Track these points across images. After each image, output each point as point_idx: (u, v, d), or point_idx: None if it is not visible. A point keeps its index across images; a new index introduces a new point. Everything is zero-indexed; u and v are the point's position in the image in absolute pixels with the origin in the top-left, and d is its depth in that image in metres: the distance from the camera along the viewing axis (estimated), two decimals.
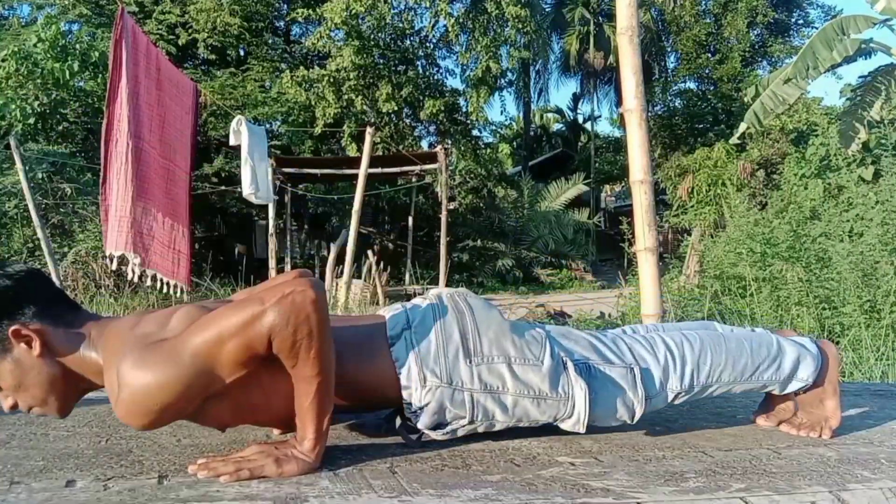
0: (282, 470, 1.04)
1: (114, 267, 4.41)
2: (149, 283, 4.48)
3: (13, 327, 1.08)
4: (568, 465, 1.15)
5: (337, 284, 7.12)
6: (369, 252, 10.34)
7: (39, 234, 6.03)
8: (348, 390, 1.18)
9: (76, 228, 8.99)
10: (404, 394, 1.18)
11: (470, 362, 1.18)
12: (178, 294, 4.50)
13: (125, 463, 1.09)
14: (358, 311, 4.34)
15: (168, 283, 4.52)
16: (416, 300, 1.32)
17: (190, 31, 13.43)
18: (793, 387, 1.39)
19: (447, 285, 8.94)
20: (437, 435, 1.21)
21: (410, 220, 13.63)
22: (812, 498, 1.04)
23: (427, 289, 7.34)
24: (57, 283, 5.70)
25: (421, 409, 1.18)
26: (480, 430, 1.23)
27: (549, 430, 1.36)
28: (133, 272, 4.35)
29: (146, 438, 1.23)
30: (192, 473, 1.03)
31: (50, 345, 1.10)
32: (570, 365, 1.23)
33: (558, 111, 28.47)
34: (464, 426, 1.21)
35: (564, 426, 1.26)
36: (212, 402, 1.07)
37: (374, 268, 9.83)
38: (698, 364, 1.31)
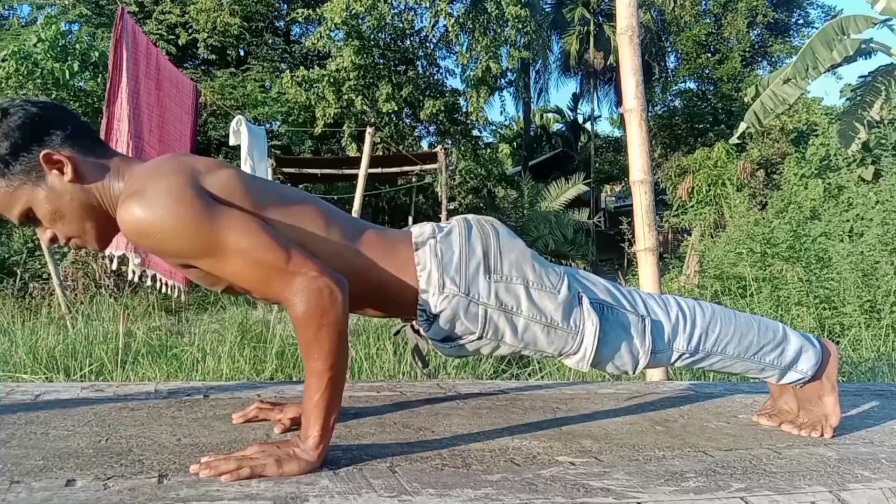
0: (283, 469, 1.03)
1: (114, 267, 4.40)
2: (148, 283, 4.48)
3: (44, 151, 1.08)
4: (568, 465, 1.15)
5: None
6: None
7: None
8: (370, 292, 1.19)
9: None
10: (421, 297, 1.19)
11: (489, 278, 1.19)
12: (177, 294, 4.50)
13: (125, 462, 1.08)
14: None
15: (166, 284, 4.52)
16: (442, 222, 1.33)
17: (190, 31, 13.43)
18: (790, 377, 1.39)
19: None
20: (444, 348, 1.22)
21: (410, 220, 13.61)
22: (812, 498, 1.04)
23: None
24: (57, 283, 5.70)
25: (435, 316, 1.19)
26: (485, 350, 1.24)
27: (550, 429, 1.36)
28: (133, 272, 4.35)
29: (146, 438, 1.23)
30: (192, 473, 1.03)
31: (80, 171, 1.11)
32: (585, 300, 1.24)
33: (558, 111, 28.47)
34: (472, 341, 1.22)
35: (569, 362, 1.26)
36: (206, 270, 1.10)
37: None
38: (707, 330, 1.33)
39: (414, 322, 1.29)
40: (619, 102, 17.80)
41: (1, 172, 1.08)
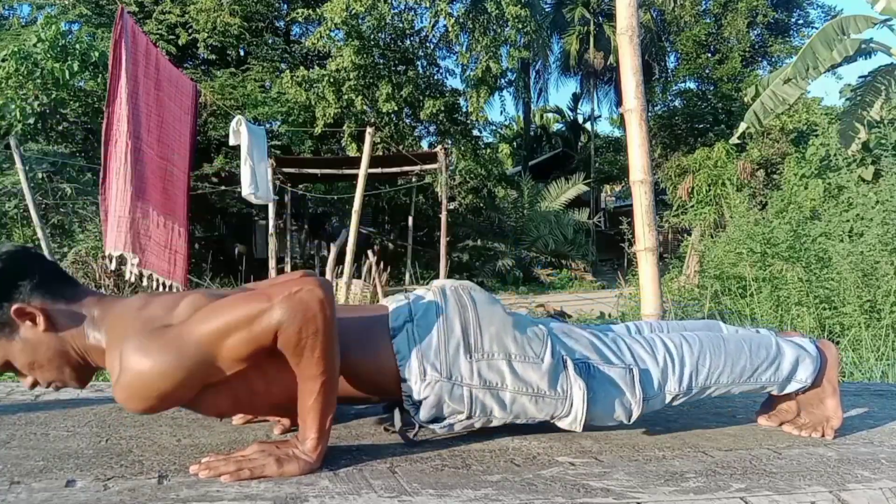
0: (282, 470, 1.04)
1: (113, 267, 4.40)
2: (146, 282, 4.48)
3: (15, 307, 1.09)
4: (568, 465, 1.15)
5: (337, 284, 7.12)
6: (369, 252, 10.33)
7: (39, 234, 6.02)
8: (349, 380, 1.19)
9: (76, 228, 8.98)
10: (404, 386, 1.19)
11: (470, 358, 1.18)
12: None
13: (125, 463, 1.08)
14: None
15: (164, 284, 4.52)
16: (420, 290, 1.32)
17: (190, 31, 13.43)
18: (791, 388, 1.39)
19: None
20: (434, 427, 1.21)
21: (410, 220, 13.62)
22: (812, 498, 1.04)
23: None
24: None
25: (420, 402, 1.18)
26: (477, 425, 1.23)
27: (549, 429, 1.36)
28: (131, 272, 4.35)
29: (146, 438, 1.23)
30: (192, 473, 1.03)
31: (52, 320, 1.11)
32: (569, 364, 1.23)
33: (558, 111, 28.46)
34: (461, 421, 1.21)
35: (562, 424, 1.26)
36: (211, 391, 1.07)
37: (374, 268, 9.82)
38: (697, 366, 1.31)
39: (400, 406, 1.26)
40: (619, 102, 17.80)
41: None
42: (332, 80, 13.11)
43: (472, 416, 1.20)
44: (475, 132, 15.95)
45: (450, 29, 13.71)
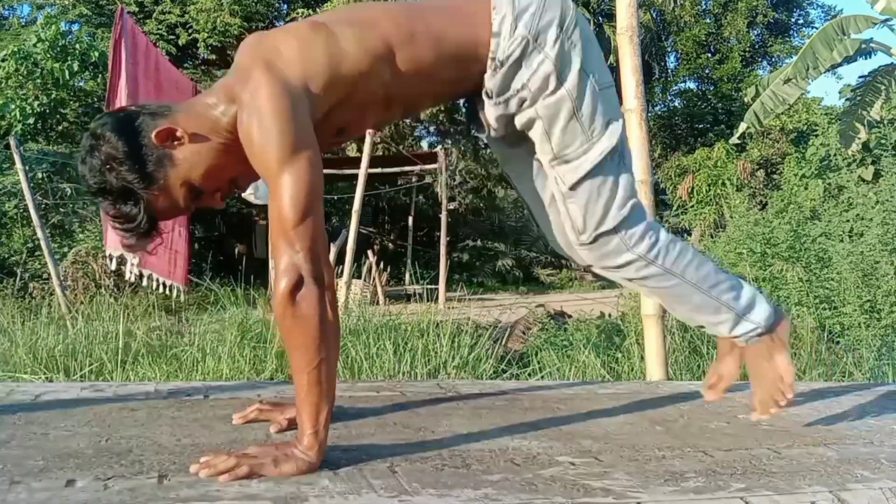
0: (280, 469, 1.03)
1: (113, 267, 4.41)
2: (145, 282, 4.48)
3: (152, 133, 1.10)
4: (568, 465, 1.15)
5: (337, 284, 7.11)
6: (369, 252, 10.33)
7: (39, 234, 6.01)
8: (440, 45, 1.22)
9: (76, 228, 8.98)
10: (493, 41, 1.22)
11: (560, 32, 1.22)
12: (175, 294, 4.49)
13: (125, 462, 1.08)
14: (358, 310, 4.34)
15: (164, 283, 4.52)
16: None
17: (190, 31, 13.42)
18: (744, 327, 1.36)
19: (447, 285, 8.94)
20: (496, 104, 1.25)
21: (410, 220, 13.61)
22: (812, 498, 1.04)
23: (427, 289, 7.33)
24: (57, 283, 5.70)
25: (503, 62, 1.22)
26: (522, 119, 1.26)
27: (550, 429, 1.36)
28: (131, 272, 4.35)
29: (146, 438, 1.23)
30: (192, 473, 1.03)
31: (186, 127, 1.13)
32: (615, 124, 1.27)
33: None
34: (521, 101, 1.24)
35: (556, 171, 1.28)
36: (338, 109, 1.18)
37: (374, 268, 9.83)
38: (668, 246, 1.32)
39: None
40: (619, 102, 17.77)
41: (149, 183, 1.11)
42: None
43: (525, 88, 1.22)
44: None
45: None
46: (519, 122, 1.27)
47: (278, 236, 1.06)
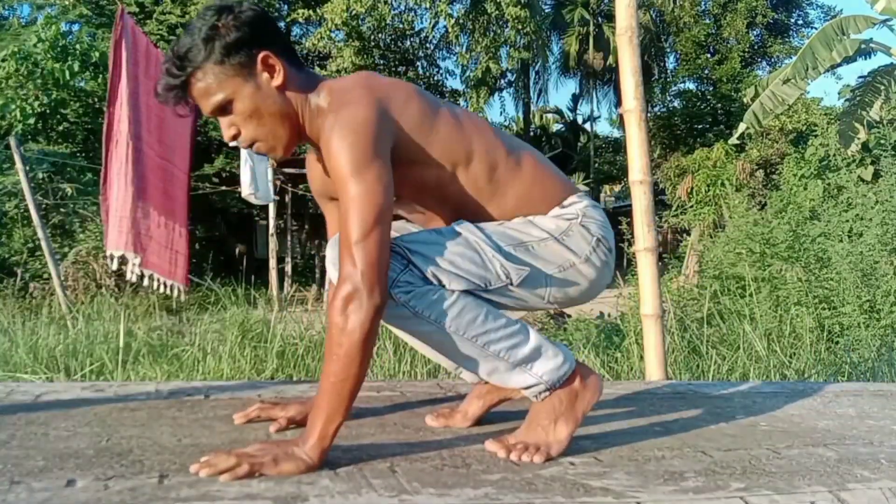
0: (280, 468, 1.04)
1: (114, 267, 4.41)
2: (146, 282, 4.48)
3: (263, 53, 1.14)
4: (568, 465, 1.15)
5: None
6: None
7: (40, 234, 6.02)
8: (503, 202, 1.25)
9: (76, 228, 8.98)
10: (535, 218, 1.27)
11: (606, 255, 1.29)
12: (176, 294, 4.49)
13: (125, 463, 1.09)
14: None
15: (165, 283, 4.52)
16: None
17: None
18: (520, 380, 1.18)
19: None
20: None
21: None
22: (812, 498, 1.04)
23: None
24: (57, 283, 5.70)
25: (555, 237, 1.25)
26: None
27: None
28: (132, 272, 4.35)
29: (146, 438, 1.23)
30: (193, 473, 1.03)
31: (288, 80, 1.17)
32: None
33: (558, 112, 28.46)
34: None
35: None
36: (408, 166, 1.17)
37: None
38: (437, 275, 1.13)
39: None
40: (618, 103, 17.79)
41: (220, 59, 1.13)
42: None
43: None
44: None
45: (450, 30, 13.71)
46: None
47: (343, 248, 1.08)
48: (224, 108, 1.16)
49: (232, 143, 1.24)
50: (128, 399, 1.53)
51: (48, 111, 10.44)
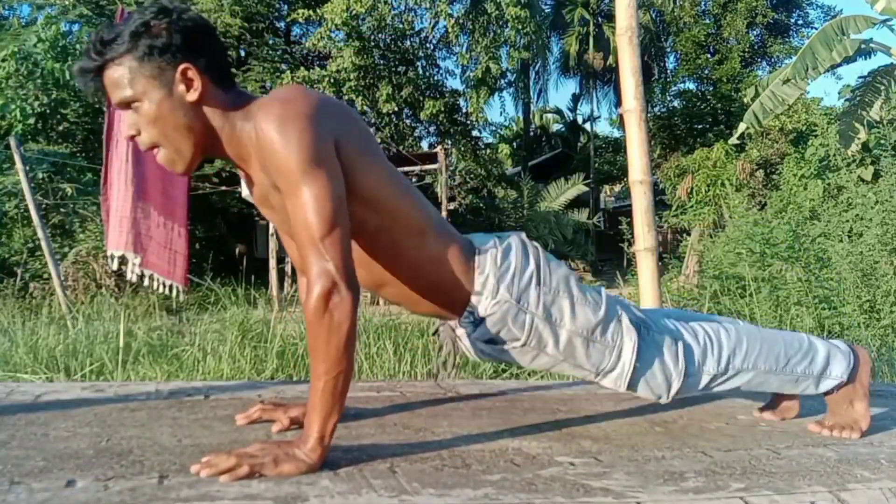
0: (280, 468, 1.04)
1: (114, 267, 4.41)
2: (146, 282, 4.48)
3: (184, 65, 1.10)
4: (568, 465, 1.15)
5: None
6: None
7: (40, 233, 6.02)
8: (424, 280, 1.25)
9: (77, 228, 8.98)
10: (473, 299, 1.25)
11: (539, 289, 1.24)
12: (176, 294, 4.49)
13: (125, 463, 1.09)
14: (358, 310, 4.34)
15: (164, 283, 4.51)
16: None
17: None
18: (826, 385, 1.40)
19: None
20: (483, 349, 1.27)
21: None
22: (812, 498, 1.04)
23: None
24: (57, 283, 5.70)
25: (483, 319, 1.24)
26: (525, 358, 1.27)
27: (550, 430, 1.37)
28: (132, 272, 4.34)
29: (146, 438, 1.23)
30: (193, 473, 1.03)
31: (205, 97, 1.12)
32: (624, 317, 1.29)
33: (558, 112, 28.45)
34: (515, 348, 1.25)
35: (606, 381, 1.29)
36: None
37: None
38: (734, 349, 1.34)
39: (453, 323, 1.32)
40: (618, 103, 17.78)
41: (140, 56, 1.09)
42: (332, 80, 13.10)
43: (526, 345, 1.25)
44: (475, 133, 15.94)
45: (450, 30, 13.70)
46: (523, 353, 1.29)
47: (308, 246, 1.07)
48: (129, 106, 1.14)
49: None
50: (128, 399, 1.53)
51: (48, 111, 10.43)
